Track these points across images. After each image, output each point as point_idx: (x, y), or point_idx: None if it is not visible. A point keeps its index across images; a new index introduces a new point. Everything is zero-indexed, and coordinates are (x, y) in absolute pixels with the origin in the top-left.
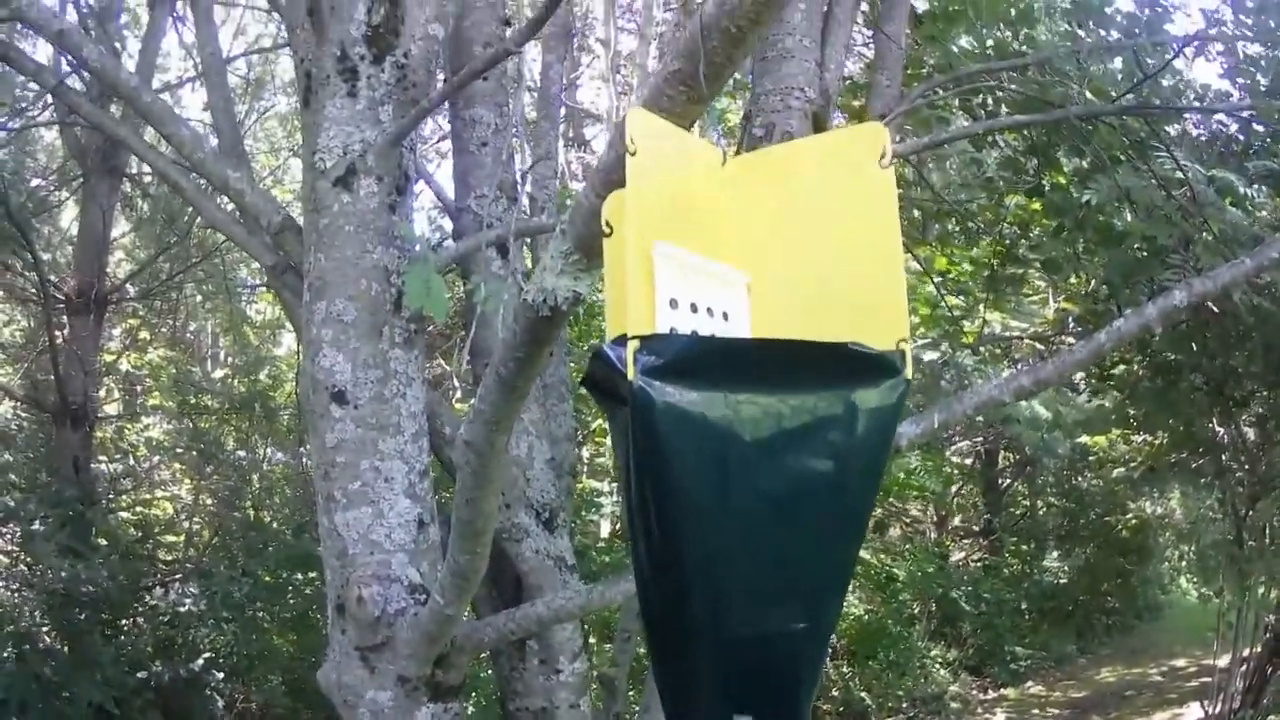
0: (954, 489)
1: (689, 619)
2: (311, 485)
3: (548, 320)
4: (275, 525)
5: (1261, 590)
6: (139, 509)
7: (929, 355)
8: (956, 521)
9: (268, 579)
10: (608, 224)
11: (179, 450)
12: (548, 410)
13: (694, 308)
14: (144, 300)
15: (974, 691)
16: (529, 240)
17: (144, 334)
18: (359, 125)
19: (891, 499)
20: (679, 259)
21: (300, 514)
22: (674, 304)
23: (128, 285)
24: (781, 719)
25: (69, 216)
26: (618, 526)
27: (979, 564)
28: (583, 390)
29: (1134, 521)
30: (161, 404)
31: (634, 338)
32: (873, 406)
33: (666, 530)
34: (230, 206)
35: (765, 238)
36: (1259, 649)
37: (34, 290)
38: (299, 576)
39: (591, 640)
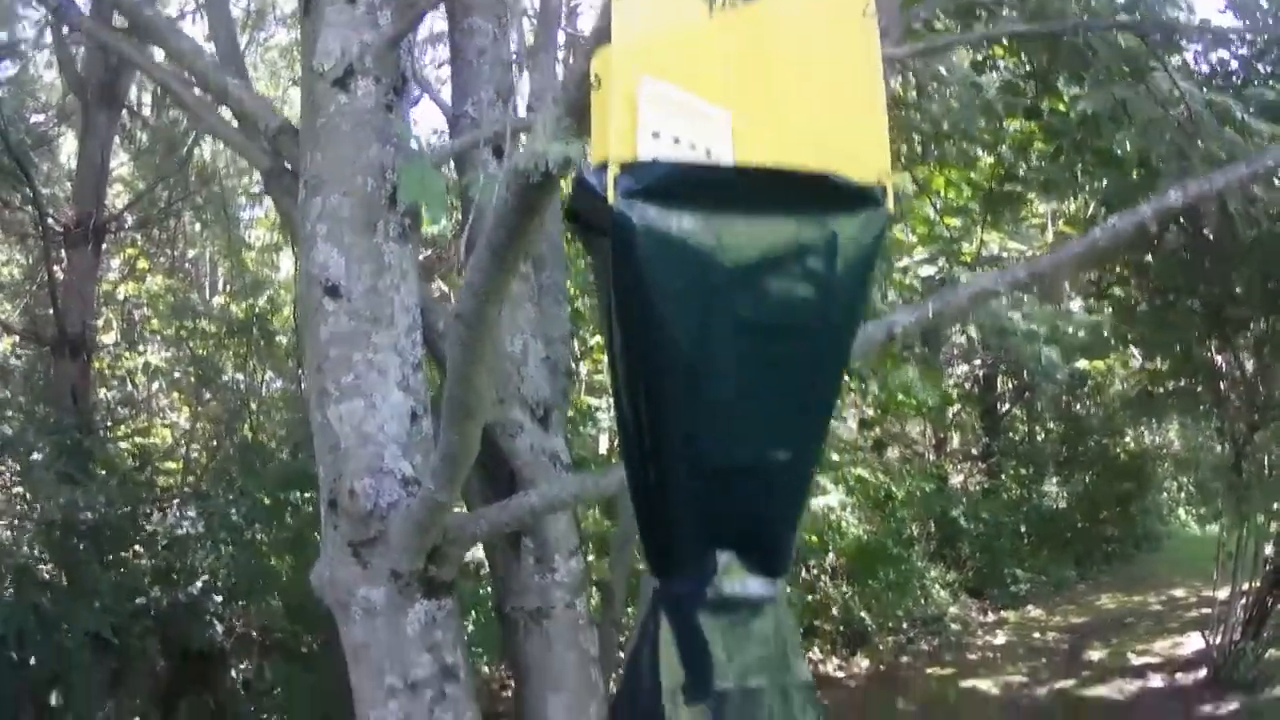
0: (952, 411)
1: (669, 451)
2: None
3: (539, 187)
4: (273, 446)
5: (1261, 521)
6: (137, 438)
7: (926, 270)
8: (955, 444)
9: (265, 500)
10: (596, 78)
11: (176, 375)
12: (543, 311)
13: (676, 140)
14: (142, 229)
15: (974, 613)
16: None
17: (142, 263)
18: (357, 29)
19: (890, 417)
20: (663, 93)
21: (298, 433)
22: (656, 136)
23: (126, 215)
24: (763, 555)
25: (68, 151)
26: (616, 443)
27: (978, 487)
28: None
29: (1132, 446)
30: (160, 330)
31: (615, 163)
32: (853, 236)
33: (646, 359)
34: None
35: (750, 79)
36: (1259, 581)
37: (32, 225)
38: (297, 496)
39: (591, 557)
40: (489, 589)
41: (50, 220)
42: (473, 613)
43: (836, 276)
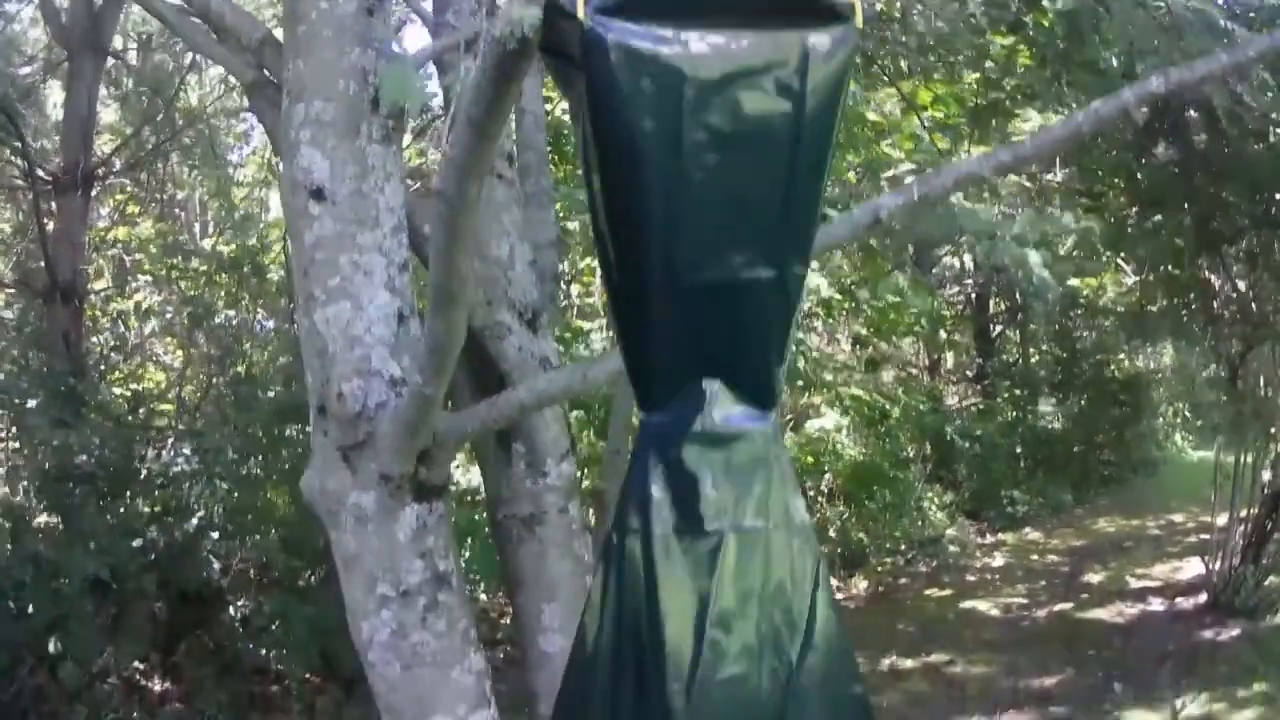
0: (944, 332)
1: (648, 271)
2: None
3: (516, 54)
4: (267, 379)
5: (1257, 445)
6: (131, 382)
7: (911, 180)
8: (949, 365)
9: (260, 434)
10: None
11: (168, 315)
12: (529, 217)
13: None
14: (130, 173)
15: (972, 535)
16: None
17: (132, 208)
18: None
19: (882, 339)
20: None
21: (292, 365)
22: None
23: (114, 159)
24: (751, 385)
25: (54, 102)
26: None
27: (973, 408)
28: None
29: (1127, 366)
30: (151, 271)
31: None
32: (825, 51)
33: (621, 177)
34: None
35: None
36: (1257, 507)
37: (21, 176)
38: (292, 430)
39: (585, 473)
40: (484, 514)
41: (39, 171)
42: (469, 539)
43: (808, 90)
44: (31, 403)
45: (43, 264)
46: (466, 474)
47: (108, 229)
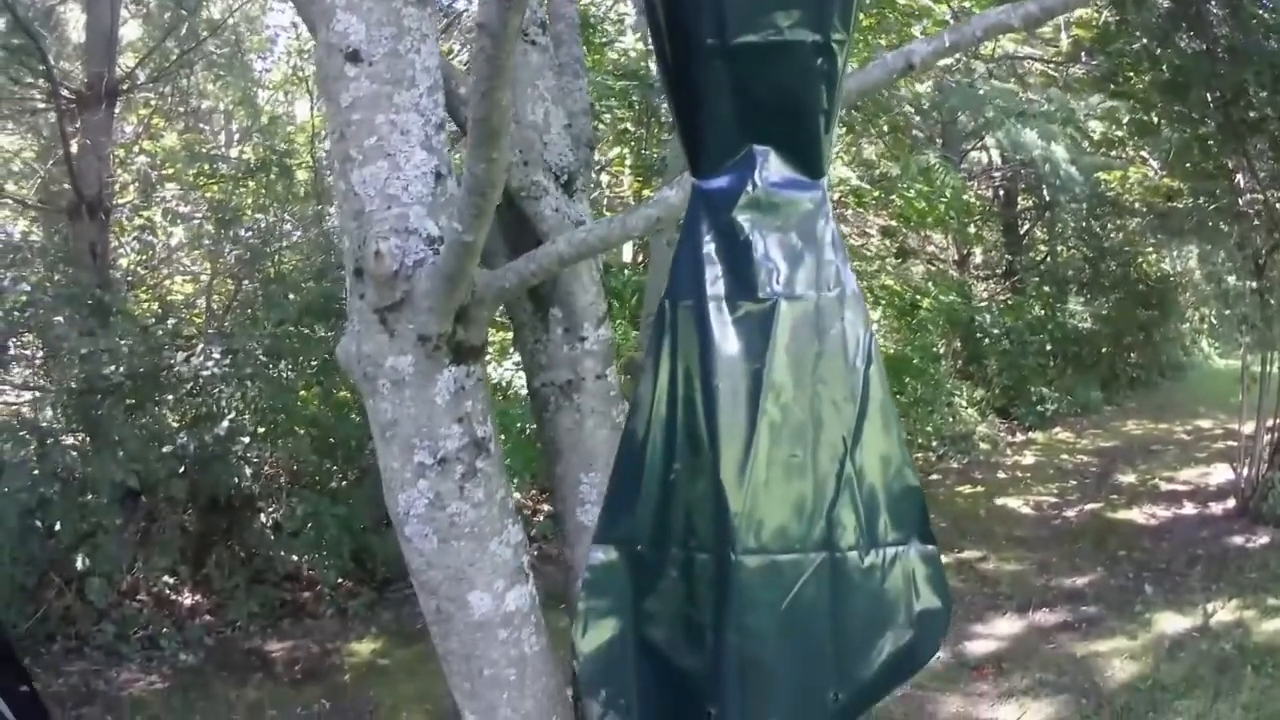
0: (973, 222)
1: (699, 33)
2: (329, 238)
3: None
4: (295, 277)
5: None
6: (159, 296)
7: (943, 60)
8: (978, 260)
9: (290, 334)
10: None
11: (196, 221)
12: (562, 86)
13: None
14: (155, 84)
15: (1002, 433)
16: None
17: (157, 122)
18: None
19: (912, 231)
20: None
21: (321, 264)
22: None
23: (138, 72)
24: (799, 150)
25: (74, 24)
26: (640, 257)
27: (1002, 303)
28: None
29: (1154, 268)
30: (178, 175)
31: None
32: None
33: None
34: None
35: None
36: None
37: (44, 97)
38: (320, 330)
39: (619, 352)
40: (517, 410)
41: (63, 91)
42: (501, 437)
43: None
44: (58, 318)
45: (67, 185)
46: (499, 368)
47: (133, 143)
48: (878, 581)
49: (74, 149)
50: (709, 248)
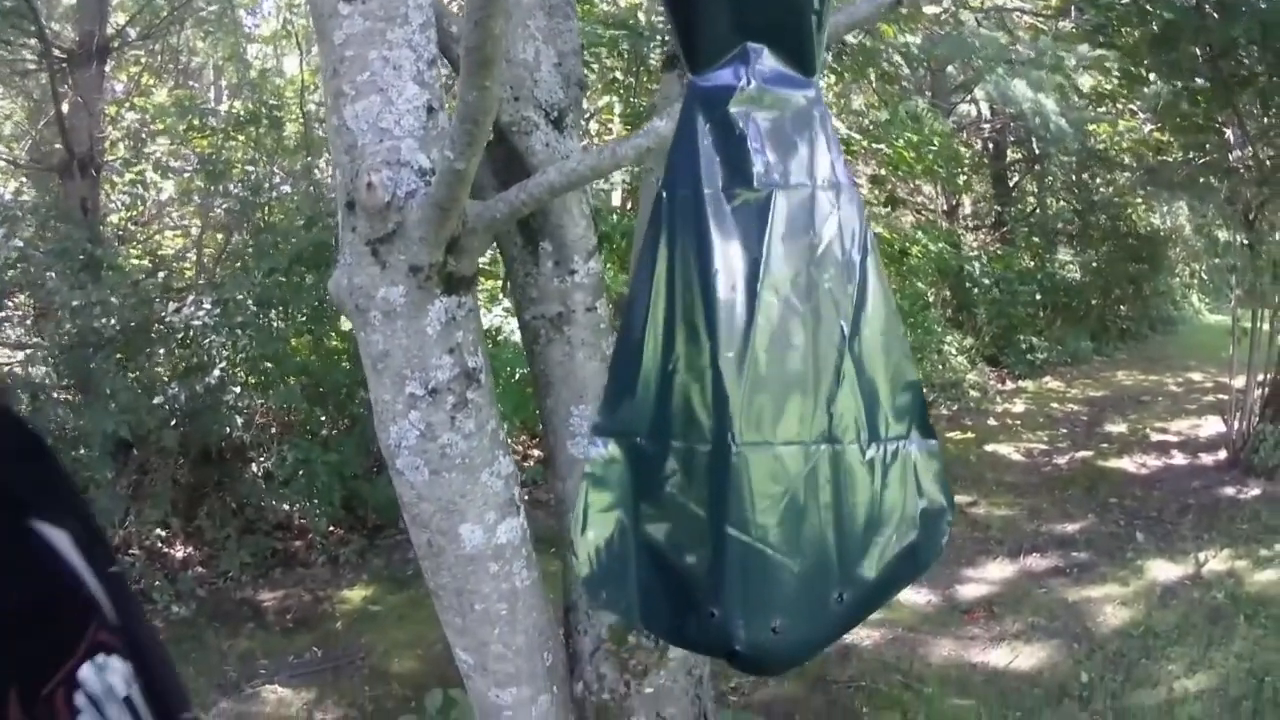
0: (962, 169)
1: None
2: (320, 189)
3: None
4: (285, 224)
5: (1277, 305)
6: (150, 251)
7: (931, 9)
8: (967, 209)
9: (280, 282)
10: None
11: (186, 174)
12: (552, 26)
13: None
14: (145, 41)
15: (992, 381)
16: None
17: (147, 79)
18: None
19: (901, 179)
20: None
21: (310, 211)
22: None
23: (128, 29)
24: (792, 45)
25: None
26: (629, 204)
27: (994, 251)
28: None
29: (1143, 221)
30: (169, 130)
31: None
32: None
33: None
34: None
35: None
36: (1275, 371)
37: (35, 58)
38: (310, 278)
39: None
40: (508, 354)
41: (54, 50)
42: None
43: None
44: (50, 274)
45: (59, 144)
46: (488, 314)
47: (124, 100)
48: (879, 477)
49: (65, 108)
50: (705, 141)
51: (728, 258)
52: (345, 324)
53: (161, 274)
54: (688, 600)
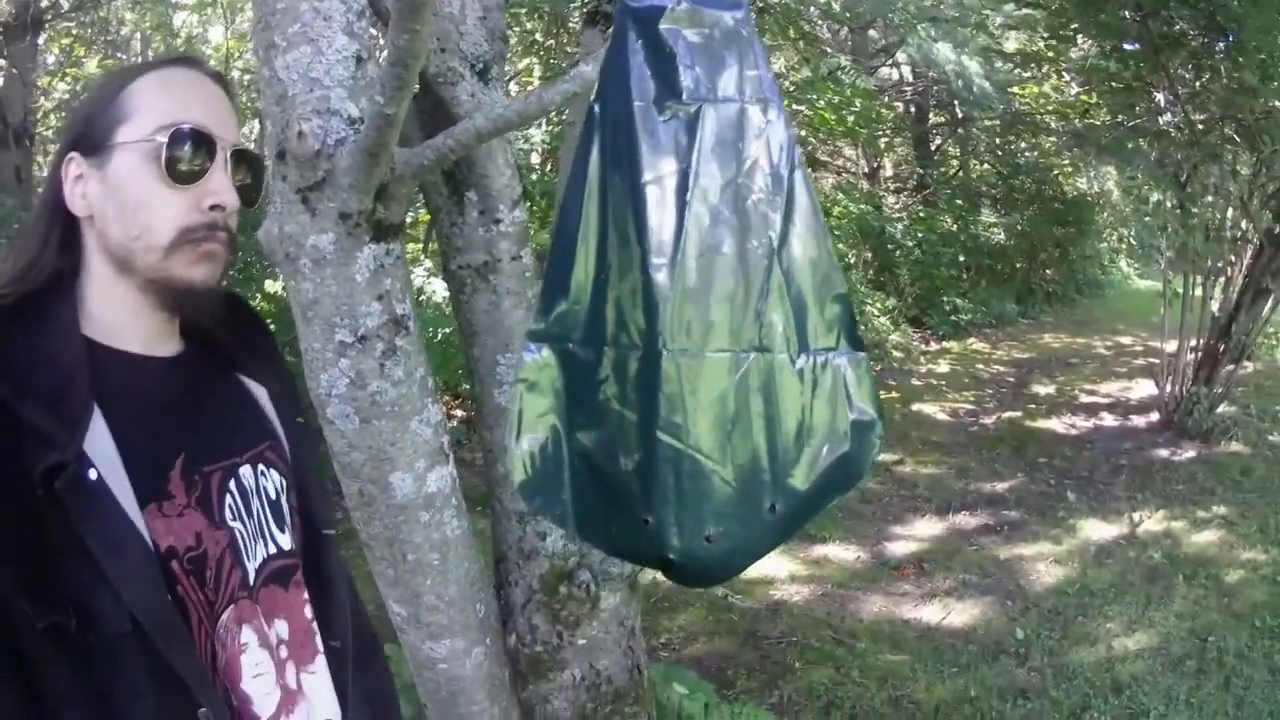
0: (884, 135)
1: None
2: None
3: None
4: None
5: (1207, 269)
6: None
7: None
8: (889, 172)
9: None
10: None
11: None
12: None
13: None
14: (77, 14)
15: (916, 342)
16: None
17: (78, 51)
18: None
19: (821, 139)
20: None
21: None
22: None
23: (61, 1)
24: None
25: None
26: (549, 165)
27: (915, 215)
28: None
29: (1069, 183)
30: None
31: None
32: None
33: None
34: None
35: None
36: (1206, 336)
37: None
38: (245, 235)
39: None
40: (432, 313)
41: None
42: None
43: None
44: None
45: None
46: (425, 291)
47: (56, 72)
48: (809, 387)
49: (0, 80)
50: (636, 58)
51: (658, 169)
52: (271, 285)
53: None
54: (622, 508)
